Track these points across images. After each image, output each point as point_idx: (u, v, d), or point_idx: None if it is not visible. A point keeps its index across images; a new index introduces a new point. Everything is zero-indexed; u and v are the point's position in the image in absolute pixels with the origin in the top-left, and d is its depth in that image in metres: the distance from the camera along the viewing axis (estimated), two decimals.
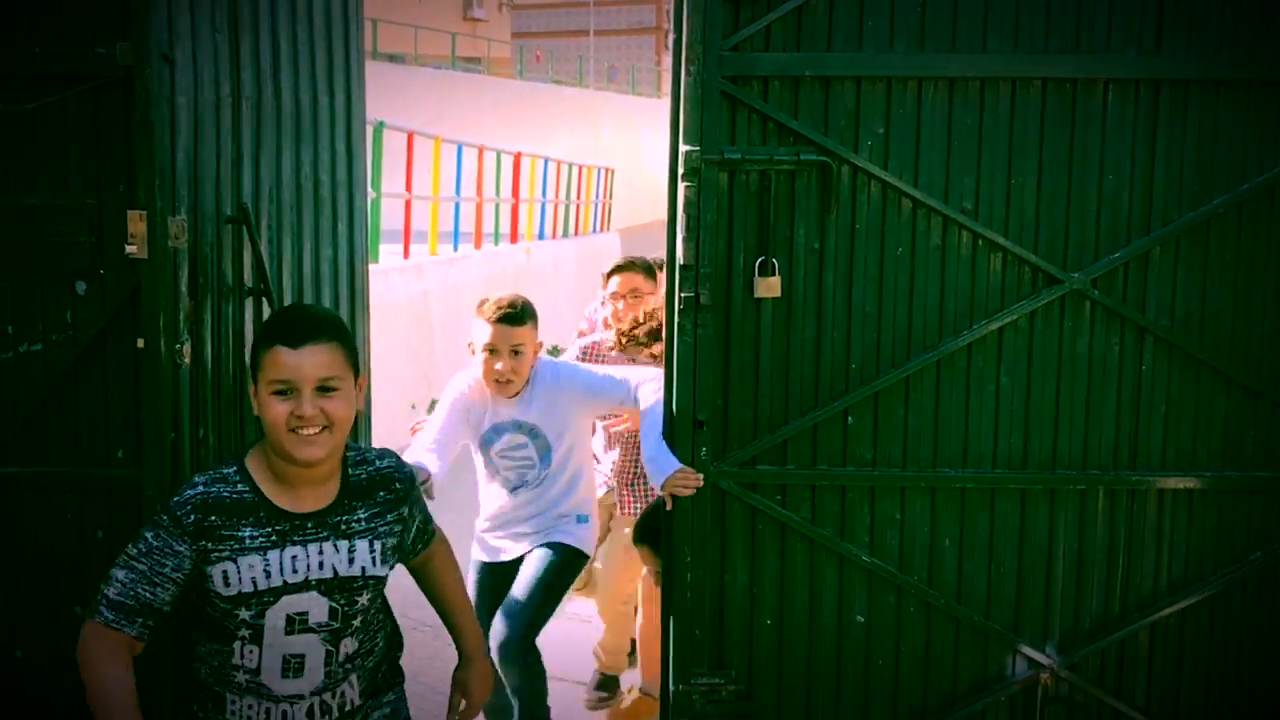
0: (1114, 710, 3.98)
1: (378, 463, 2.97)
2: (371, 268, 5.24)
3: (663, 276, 5.06)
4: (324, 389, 2.75)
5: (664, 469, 3.84)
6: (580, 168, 24.43)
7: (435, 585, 3.25)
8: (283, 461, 2.79)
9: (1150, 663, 3.98)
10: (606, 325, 5.43)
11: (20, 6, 3.57)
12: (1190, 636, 3.97)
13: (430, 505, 3.38)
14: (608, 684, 5.44)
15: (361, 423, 4.78)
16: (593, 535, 4.70)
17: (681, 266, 3.72)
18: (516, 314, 4.35)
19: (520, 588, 4.42)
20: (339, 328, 2.88)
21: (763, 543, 3.89)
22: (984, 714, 3.97)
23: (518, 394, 4.43)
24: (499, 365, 4.31)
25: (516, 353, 4.33)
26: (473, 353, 4.41)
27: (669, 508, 3.85)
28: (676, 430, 3.81)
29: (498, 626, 4.34)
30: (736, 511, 3.87)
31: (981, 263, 3.80)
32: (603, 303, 5.52)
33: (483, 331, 4.34)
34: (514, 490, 4.54)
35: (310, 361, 2.74)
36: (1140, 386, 3.86)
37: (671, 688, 3.91)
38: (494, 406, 4.46)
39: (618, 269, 5.51)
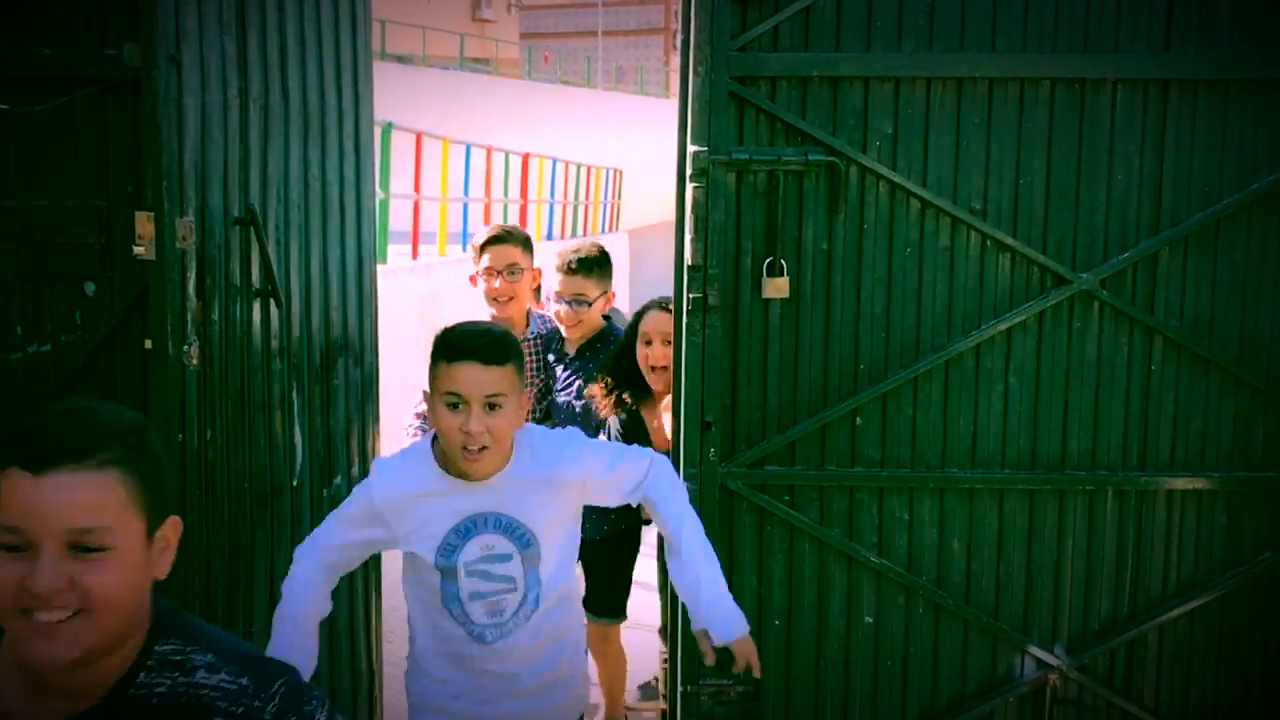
0: (1123, 711, 3.97)
1: (204, 673, 1.75)
2: (380, 269, 5.22)
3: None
4: (80, 547, 1.63)
5: (730, 628, 2.91)
6: (589, 168, 24.45)
7: None
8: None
9: (1159, 663, 3.97)
10: (491, 300, 4.80)
11: (29, 8, 3.58)
12: (1200, 637, 3.96)
13: None
14: None
15: (369, 430, 4.78)
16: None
17: (690, 267, 3.72)
18: (490, 347, 2.88)
19: None
20: (121, 443, 1.70)
21: (771, 543, 3.89)
22: (993, 715, 3.97)
23: (495, 471, 2.91)
24: (470, 425, 2.80)
25: (493, 406, 2.82)
26: (426, 404, 3.09)
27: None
28: (685, 431, 3.81)
29: None
30: (744, 512, 3.87)
31: (990, 263, 3.80)
32: (473, 279, 4.87)
33: (442, 374, 2.89)
34: (480, 638, 2.96)
35: (57, 500, 1.62)
36: (1149, 387, 3.85)
37: (679, 689, 3.91)
38: (456, 492, 2.92)
39: (493, 240, 4.79)
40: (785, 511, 3.85)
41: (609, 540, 4.81)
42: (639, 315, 4.62)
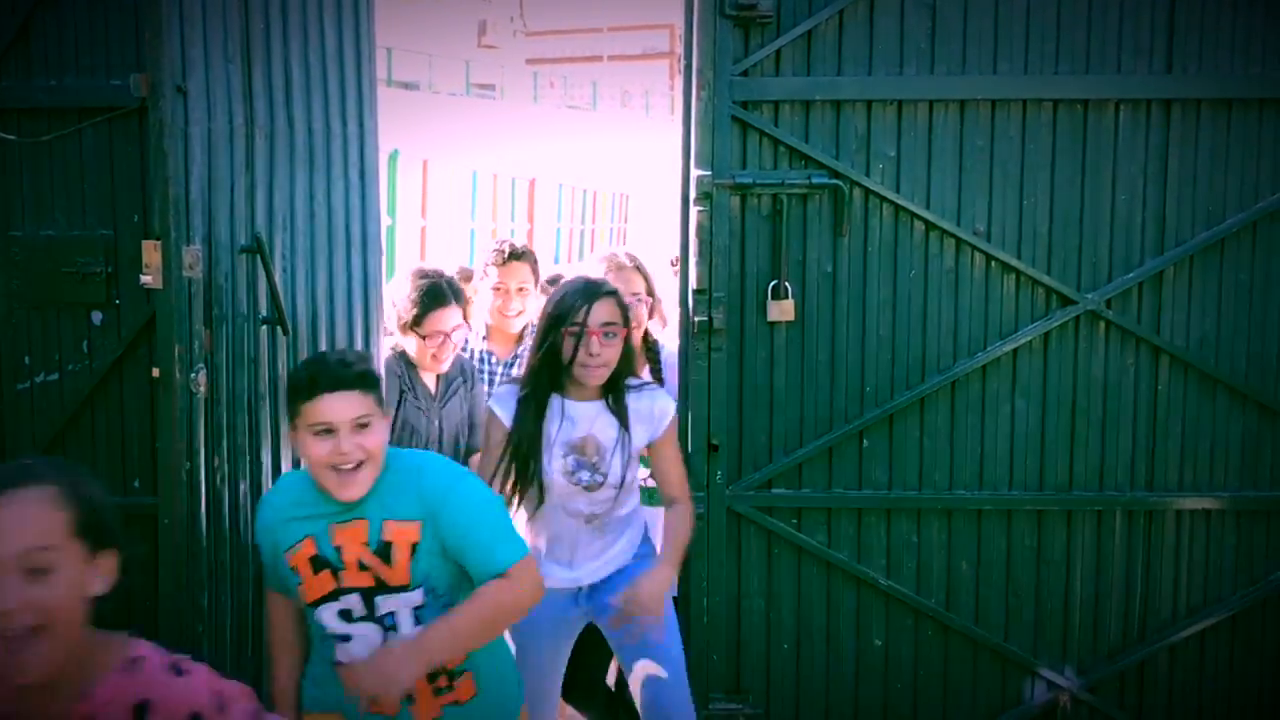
0: None
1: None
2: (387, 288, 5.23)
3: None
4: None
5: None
6: (594, 193, 24.51)
7: None
8: None
9: (1170, 684, 3.95)
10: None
11: (37, 39, 3.61)
12: (1211, 658, 3.95)
13: None
14: None
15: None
16: None
17: (695, 290, 3.73)
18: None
19: None
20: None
21: (779, 566, 3.88)
22: None
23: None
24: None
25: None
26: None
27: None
28: (691, 454, 3.81)
29: None
30: (752, 535, 3.86)
31: (995, 284, 3.80)
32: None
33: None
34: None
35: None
36: (1156, 407, 3.84)
37: None
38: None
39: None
40: (793, 534, 3.85)
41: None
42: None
